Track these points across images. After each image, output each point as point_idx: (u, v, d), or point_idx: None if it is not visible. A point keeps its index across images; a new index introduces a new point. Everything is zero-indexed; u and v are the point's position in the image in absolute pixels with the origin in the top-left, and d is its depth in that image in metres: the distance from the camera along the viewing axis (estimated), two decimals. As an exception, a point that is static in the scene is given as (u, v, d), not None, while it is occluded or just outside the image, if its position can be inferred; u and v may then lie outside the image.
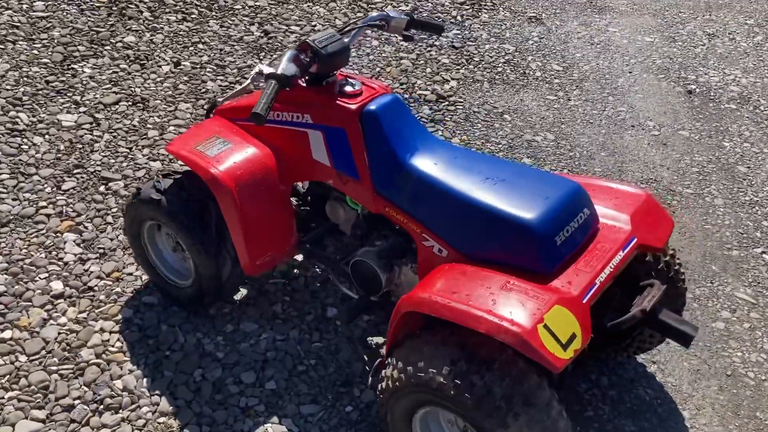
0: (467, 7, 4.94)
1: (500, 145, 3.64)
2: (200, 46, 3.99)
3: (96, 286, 2.59)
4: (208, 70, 3.80)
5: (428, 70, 4.17)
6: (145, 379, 2.31)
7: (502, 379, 1.75)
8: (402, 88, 3.97)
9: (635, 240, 2.03)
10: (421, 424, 1.99)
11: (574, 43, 4.70)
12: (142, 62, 3.79)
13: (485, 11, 4.94)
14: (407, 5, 4.80)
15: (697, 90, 4.27)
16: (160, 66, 3.79)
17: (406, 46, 4.33)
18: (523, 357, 1.78)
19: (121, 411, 2.21)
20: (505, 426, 1.72)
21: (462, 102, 3.95)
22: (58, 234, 2.76)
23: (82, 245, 2.73)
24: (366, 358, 2.44)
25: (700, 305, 2.84)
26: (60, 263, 2.65)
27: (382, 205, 2.17)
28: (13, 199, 2.87)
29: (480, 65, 4.30)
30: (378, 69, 4.10)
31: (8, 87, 3.43)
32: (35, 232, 2.75)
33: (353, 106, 2.11)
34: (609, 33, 4.88)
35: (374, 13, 2.36)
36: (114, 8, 4.12)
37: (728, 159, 3.70)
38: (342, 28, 2.28)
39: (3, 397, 2.20)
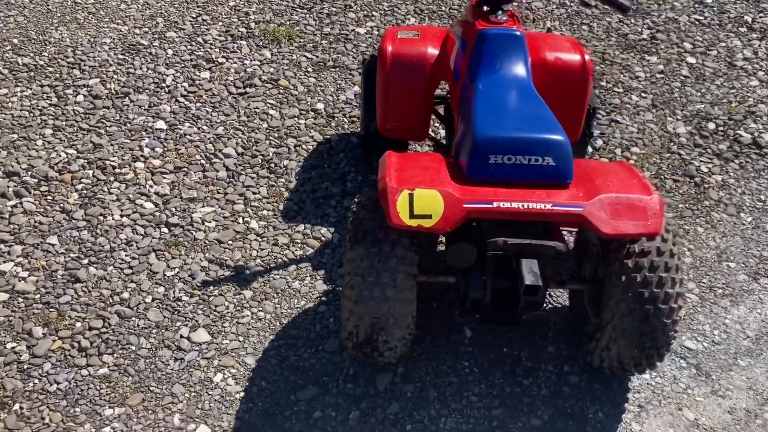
0: None
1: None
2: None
3: (336, 117, 3.70)
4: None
5: (764, 118, 3.88)
6: (294, 163, 3.43)
7: (372, 221, 2.25)
8: (713, 117, 3.84)
9: (580, 210, 2.10)
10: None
11: None
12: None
13: None
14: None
15: None
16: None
17: (748, 82, 4.06)
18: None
19: (265, 164, 3.38)
20: (352, 249, 2.26)
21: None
22: (351, 84, 3.93)
23: (354, 95, 3.84)
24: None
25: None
26: (329, 95, 3.84)
27: (456, 104, 2.67)
28: (333, 59, 4.13)
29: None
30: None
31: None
32: (339, 77, 3.97)
33: (478, 27, 2.63)
34: None
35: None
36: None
37: None
38: (521, -20, 2.77)
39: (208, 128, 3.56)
